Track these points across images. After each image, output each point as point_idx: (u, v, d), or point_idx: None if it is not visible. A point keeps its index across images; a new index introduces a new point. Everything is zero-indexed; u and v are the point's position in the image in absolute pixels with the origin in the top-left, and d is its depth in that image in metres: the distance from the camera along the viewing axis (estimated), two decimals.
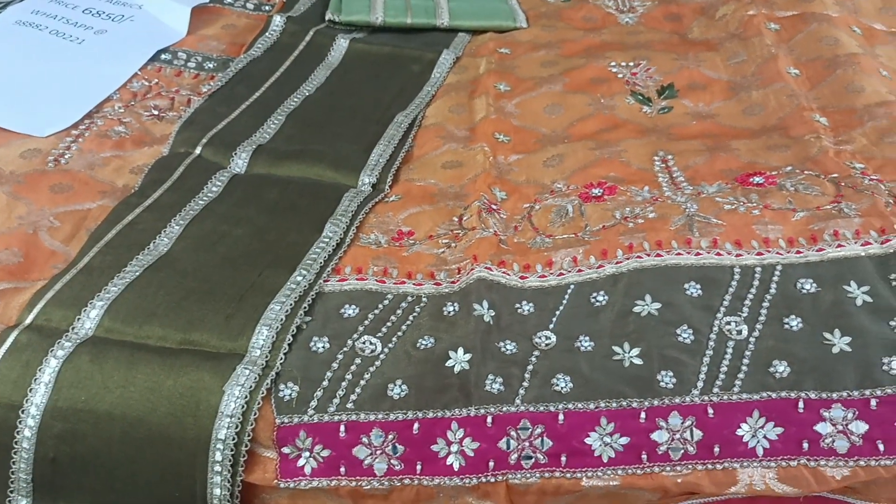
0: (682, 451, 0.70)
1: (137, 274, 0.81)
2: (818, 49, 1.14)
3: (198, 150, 1.01)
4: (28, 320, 0.77)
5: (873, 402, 0.70)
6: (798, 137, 0.98)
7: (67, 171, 0.99)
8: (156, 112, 1.12)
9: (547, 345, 0.74)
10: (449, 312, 0.77)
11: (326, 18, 1.31)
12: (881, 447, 0.69)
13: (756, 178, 0.90)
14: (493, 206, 0.91)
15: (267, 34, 1.26)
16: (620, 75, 1.15)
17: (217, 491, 0.70)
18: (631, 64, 1.17)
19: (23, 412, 0.71)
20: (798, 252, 0.79)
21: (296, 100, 1.12)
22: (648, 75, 1.15)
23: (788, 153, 0.95)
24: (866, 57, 1.12)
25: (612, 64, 1.17)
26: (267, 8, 1.40)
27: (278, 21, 1.28)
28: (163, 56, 1.23)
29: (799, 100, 1.05)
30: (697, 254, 0.79)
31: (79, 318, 0.77)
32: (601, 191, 0.91)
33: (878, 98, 1.03)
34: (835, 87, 1.06)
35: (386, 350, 0.75)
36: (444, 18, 1.31)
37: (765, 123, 1.04)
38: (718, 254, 0.79)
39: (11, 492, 0.72)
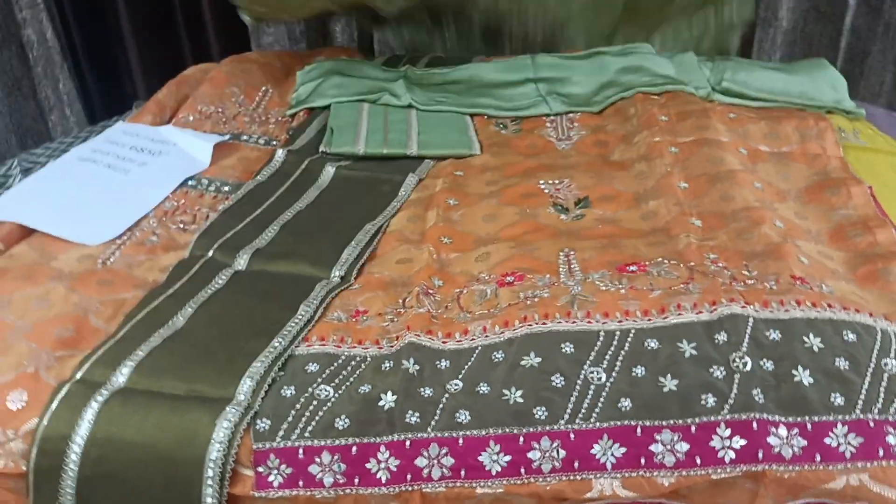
0: (551, 465, 0.91)
1: (158, 343, 1.07)
2: (705, 167, 1.38)
3: (210, 253, 1.28)
4: (77, 376, 1.02)
5: (693, 428, 0.91)
6: (675, 236, 1.21)
7: (111, 270, 1.25)
8: (182, 225, 1.39)
9: (455, 389, 0.98)
10: (385, 367, 1.02)
11: (320, 150, 1.60)
12: (698, 461, 0.90)
13: (632, 266, 1.14)
14: (430, 291, 1.17)
15: (271, 164, 1.56)
16: (546, 190, 1.41)
17: (209, 500, 0.93)
18: (556, 181, 1.43)
19: (70, 442, 0.95)
20: (649, 320, 1.02)
21: (289, 214, 1.39)
22: (569, 190, 1.41)
23: (663, 248, 1.18)
24: (745, 172, 1.37)
25: (542, 182, 1.43)
26: (274, 143, 1.70)
27: (280, 154, 1.58)
28: (189, 182, 1.52)
29: (683, 207, 1.28)
30: (574, 322, 1.03)
31: (114, 375, 1.02)
32: (513, 279, 1.16)
33: (745, 204, 1.26)
34: (713, 197, 1.30)
35: (336, 395, 1.00)
36: (413, 149, 1.58)
37: (654, 226, 1.27)
38: (589, 322, 1.03)
39: None
